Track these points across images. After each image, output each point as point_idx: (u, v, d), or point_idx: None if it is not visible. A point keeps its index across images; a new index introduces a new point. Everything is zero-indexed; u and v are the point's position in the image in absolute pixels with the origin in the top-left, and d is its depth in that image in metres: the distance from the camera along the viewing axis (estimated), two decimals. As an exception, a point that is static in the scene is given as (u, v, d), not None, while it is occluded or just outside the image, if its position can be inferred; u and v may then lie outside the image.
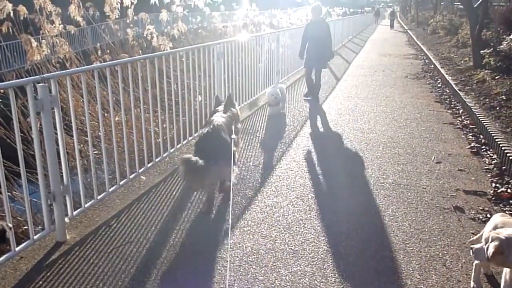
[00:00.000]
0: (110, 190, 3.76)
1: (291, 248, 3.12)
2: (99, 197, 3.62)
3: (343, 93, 8.66)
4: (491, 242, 2.30)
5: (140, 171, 4.21)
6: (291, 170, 4.57)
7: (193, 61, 5.30)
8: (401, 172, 4.55)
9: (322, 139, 5.79)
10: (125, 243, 3.17)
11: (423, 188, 4.16)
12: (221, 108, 4.33)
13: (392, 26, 36.50)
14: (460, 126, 6.26)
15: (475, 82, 8.38)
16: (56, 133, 3.08)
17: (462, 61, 11.05)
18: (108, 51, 8.70)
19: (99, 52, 9.09)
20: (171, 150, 4.80)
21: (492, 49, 8.55)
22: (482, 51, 8.95)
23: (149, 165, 4.36)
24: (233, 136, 3.93)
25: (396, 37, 25.73)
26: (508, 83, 7.44)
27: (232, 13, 16.84)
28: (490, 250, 2.28)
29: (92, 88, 4.63)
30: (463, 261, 2.98)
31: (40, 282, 2.71)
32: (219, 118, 3.99)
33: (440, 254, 3.06)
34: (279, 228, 3.39)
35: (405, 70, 11.72)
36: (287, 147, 5.33)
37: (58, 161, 3.10)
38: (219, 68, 5.86)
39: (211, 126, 3.75)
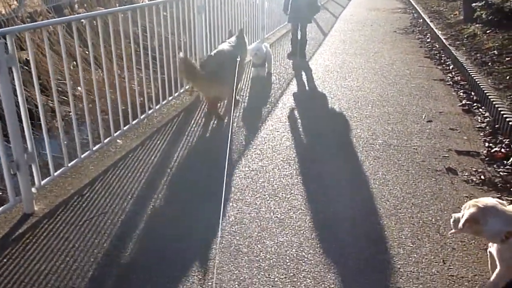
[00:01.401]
0: (83, 156, 3.50)
1: (276, 217, 2.94)
2: (69, 164, 3.36)
3: (331, 49, 8.33)
4: (467, 209, 2.15)
5: (115, 134, 3.94)
6: (277, 131, 4.34)
7: (171, 14, 4.93)
8: (391, 132, 4.35)
9: (309, 98, 5.54)
10: (99, 214, 2.95)
11: (414, 148, 3.98)
12: (232, 39, 4.88)
13: None
14: (451, 82, 6.05)
15: (465, 36, 8.12)
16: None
17: (452, 15, 10.73)
18: (85, 5, 8.19)
19: (76, 6, 8.55)
20: (150, 112, 4.51)
21: (484, 2, 8.22)
22: (473, 4, 8.63)
23: (125, 128, 4.09)
24: (238, 59, 4.52)
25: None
26: (500, 37, 7.19)
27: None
28: (464, 218, 2.13)
29: (56, 44, 4.27)
30: (458, 227, 2.83)
31: (5, 260, 2.49)
32: (224, 45, 4.69)
33: (433, 220, 2.91)
34: (264, 195, 3.20)
35: (393, 25, 11.36)
36: (273, 106, 5.08)
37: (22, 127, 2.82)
38: (200, 23, 5.49)
39: (215, 51, 4.52)
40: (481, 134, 4.32)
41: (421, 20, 11.65)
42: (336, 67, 6.90)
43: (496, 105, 4.59)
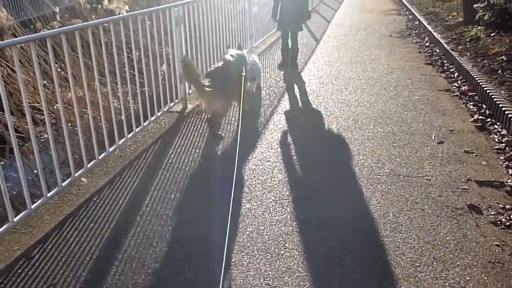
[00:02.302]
0: (33, 206, 2.91)
1: (268, 284, 2.36)
2: (16, 219, 2.77)
3: (324, 56, 7.78)
4: None
5: (77, 174, 3.35)
6: (268, 161, 3.77)
7: (149, 28, 4.36)
8: (398, 157, 3.79)
9: (303, 116, 4.97)
10: (48, 286, 2.37)
11: (427, 179, 3.42)
12: (231, 51, 4.66)
13: None
14: (458, 93, 5.51)
15: (468, 40, 7.59)
16: None
17: (450, 16, 10.21)
18: (58, 17, 7.59)
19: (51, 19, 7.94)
20: (121, 142, 3.93)
21: (486, 2, 7.71)
22: (475, 5, 8.11)
23: (90, 165, 3.51)
24: (243, 73, 4.38)
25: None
26: (507, 41, 6.66)
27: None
28: None
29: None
30: (494, 292, 2.27)
31: None
32: (229, 56, 4.46)
33: (462, 282, 2.35)
34: (253, 252, 2.62)
35: (388, 28, 10.84)
36: (263, 128, 4.51)
37: None
38: (178, 35, 4.91)
39: (223, 62, 4.33)
40: (502, 157, 3.77)
41: (417, 23, 11.14)
42: (331, 78, 6.34)
43: (515, 122, 4.05)
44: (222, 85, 4.06)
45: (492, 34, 7.31)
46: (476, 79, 5.44)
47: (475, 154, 3.84)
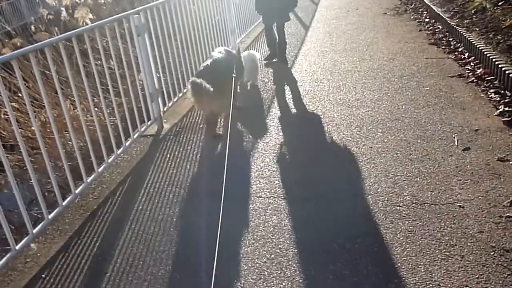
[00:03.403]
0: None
1: None
2: None
3: (316, 46, 7.02)
4: None
5: (19, 246, 2.65)
6: (259, 196, 3.06)
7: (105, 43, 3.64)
8: (418, 176, 3.08)
9: (297, 125, 4.24)
10: None
11: (459, 206, 2.71)
12: (219, 48, 4.55)
13: None
14: (474, 78, 4.77)
15: (473, 12, 6.81)
16: None
17: (448, -14, 9.38)
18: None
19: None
20: (78, 191, 3.22)
21: (490, -33, 6.92)
22: (477, -28, 7.31)
23: (36, 230, 2.81)
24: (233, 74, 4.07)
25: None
26: (520, 10, 5.89)
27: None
28: None
29: None
30: None
31: None
32: (217, 54, 4.33)
33: None
34: None
35: (381, 5, 10.03)
36: (251, 148, 3.80)
37: None
38: (143, 46, 4.17)
39: (211, 60, 4.19)
40: (546, 164, 3.06)
41: (412, -4, 10.31)
42: (326, 72, 5.59)
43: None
44: (213, 82, 3.79)
45: (500, 4, 6.52)
46: (493, 60, 4.69)
47: (511, 162, 3.12)
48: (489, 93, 4.34)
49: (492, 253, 2.32)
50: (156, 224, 2.89)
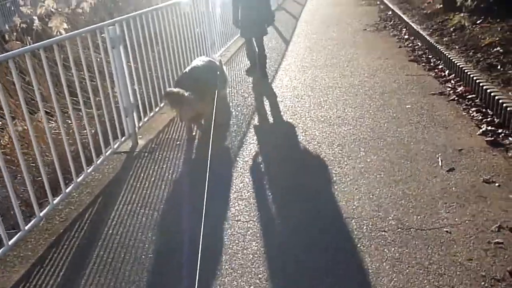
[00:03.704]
0: None
1: None
2: None
3: (296, 61, 6.94)
4: None
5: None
6: (238, 221, 2.90)
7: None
8: (403, 198, 2.97)
9: (278, 144, 4.10)
10: None
11: (446, 231, 2.61)
12: (201, 57, 4.63)
13: None
14: (455, 96, 4.73)
15: (451, 30, 6.85)
16: None
17: (426, 4, 9.49)
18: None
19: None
20: (43, 213, 3.00)
21: (468, -14, 7.00)
22: (456, -10, 7.39)
23: (-5, 257, 2.58)
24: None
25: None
26: (498, 29, 5.93)
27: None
28: None
29: None
30: None
31: None
32: (198, 61, 4.39)
33: None
34: None
35: (361, 21, 10.07)
36: (230, 168, 3.63)
37: None
38: (118, 58, 3.99)
39: (190, 67, 4.26)
40: (533, 186, 2.99)
41: (391, 13, 10.41)
42: (306, 88, 5.50)
43: (538, 136, 3.27)
44: (192, 89, 3.83)
45: (478, 22, 6.57)
46: (474, 78, 4.66)
47: (497, 184, 3.05)
48: (470, 112, 4.29)
49: (483, 283, 2.20)
50: (127, 251, 2.70)
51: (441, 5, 8.27)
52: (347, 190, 3.13)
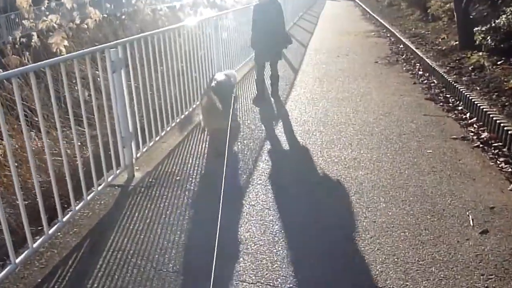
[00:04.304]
0: None
1: None
2: None
3: (306, 92, 6.63)
4: None
5: None
6: (246, 273, 2.51)
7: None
8: (432, 265, 2.60)
9: (286, 190, 3.69)
10: None
11: (488, 313, 2.21)
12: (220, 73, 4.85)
13: None
14: (479, 143, 4.39)
15: (470, 68, 6.57)
16: None
17: (440, 40, 9.26)
18: None
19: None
20: (20, 259, 2.61)
21: (488, 25, 6.74)
22: (475, 29, 7.13)
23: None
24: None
25: (349, 11, 23.94)
26: (522, 71, 5.64)
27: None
28: None
29: None
30: None
31: None
32: (220, 75, 4.66)
33: None
34: None
35: (372, 53, 9.84)
36: (237, 210, 3.25)
37: None
38: (118, 84, 3.65)
39: (216, 81, 4.49)
40: None
41: (402, 46, 10.19)
42: (318, 123, 5.16)
43: None
44: (222, 101, 4.20)
45: (499, 63, 6.29)
46: (501, 124, 4.34)
47: (540, 253, 2.67)
48: (498, 162, 3.95)
49: None
50: (112, 313, 2.30)
51: (457, 42, 8.02)
52: (368, 250, 2.76)
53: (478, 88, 5.59)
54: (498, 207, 3.21)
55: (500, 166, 3.88)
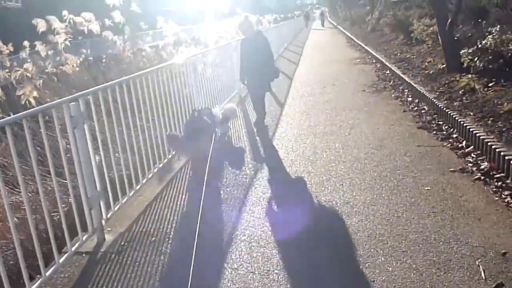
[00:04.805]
0: None
1: None
2: None
3: (292, 128, 6.32)
4: None
5: None
6: None
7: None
8: (445, 335, 2.20)
9: (276, 247, 3.33)
10: None
11: None
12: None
13: (323, 24, 42.73)
14: (479, 175, 4.06)
15: (461, 92, 6.32)
16: None
17: (427, 63, 9.07)
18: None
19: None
20: None
21: (475, 46, 6.53)
22: (462, 51, 6.93)
23: None
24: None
25: (333, 39, 24.08)
26: (516, 93, 5.38)
27: (144, 33, 14.22)
28: None
29: None
30: None
31: None
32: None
33: None
34: None
35: (358, 81, 9.63)
36: (213, 282, 2.86)
37: None
38: (81, 139, 3.31)
39: (196, 111, 4.88)
40: None
41: (389, 72, 10.01)
42: (306, 163, 4.82)
43: None
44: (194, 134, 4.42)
45: (490, 85, 6.05)
46: (501, 153, 4.02)
47: None
48: (503, 196, 3.61)
49: None
50: None
51: (444, 65, 7.81)
52: (368, 320, 2.37)
53: (472, 114, 5.31)
54: (511, 252, 2.85)
55: (506, 201, 3.54)
